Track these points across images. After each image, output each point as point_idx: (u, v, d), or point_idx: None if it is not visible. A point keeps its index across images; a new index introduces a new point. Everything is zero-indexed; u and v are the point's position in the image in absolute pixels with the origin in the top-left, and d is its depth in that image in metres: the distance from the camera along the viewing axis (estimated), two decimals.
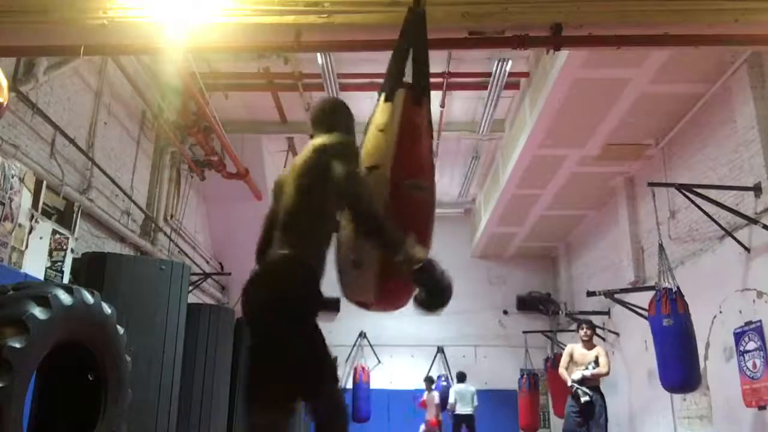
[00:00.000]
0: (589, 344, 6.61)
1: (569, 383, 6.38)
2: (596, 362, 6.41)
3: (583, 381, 6.31)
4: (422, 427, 10.69)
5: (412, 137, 2.39)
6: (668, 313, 5.97)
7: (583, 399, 6.21)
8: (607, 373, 6.50)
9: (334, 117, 2.51)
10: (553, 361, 9.98)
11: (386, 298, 2.33)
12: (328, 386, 2.24)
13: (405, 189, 2.28)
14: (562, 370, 6.56)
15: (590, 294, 9.08)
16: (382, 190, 2.25)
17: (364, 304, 2.35)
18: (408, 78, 2.54)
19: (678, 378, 5.96)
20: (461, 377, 10.44)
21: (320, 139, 2.37)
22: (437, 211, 2.40)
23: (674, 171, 8.01)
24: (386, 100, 2.46)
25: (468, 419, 9.91)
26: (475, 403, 10.06)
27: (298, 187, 2.28)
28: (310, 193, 2.25)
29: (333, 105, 2.62)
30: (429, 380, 11.08)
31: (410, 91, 2.46)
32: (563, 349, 7.01)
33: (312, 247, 2.24)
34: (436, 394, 10.79)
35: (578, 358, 6.53)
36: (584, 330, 6.69)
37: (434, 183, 2.49)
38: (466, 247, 13.62)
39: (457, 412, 9.96)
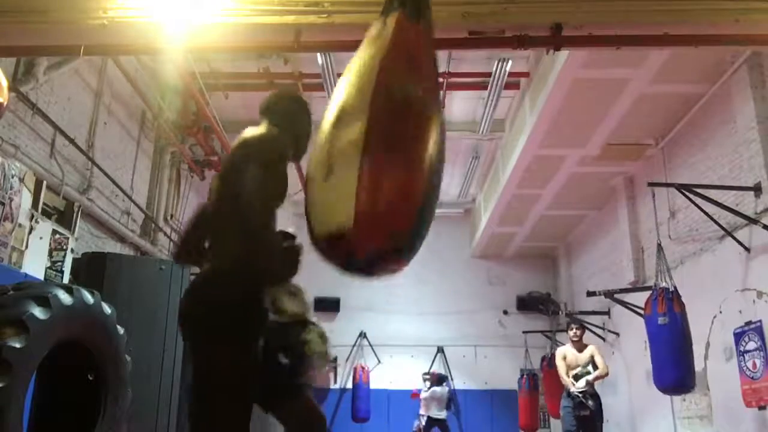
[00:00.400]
0: (579, 344, 6.54)
1: (572, 390, 6.30)
2: (593, 364, 6.36)
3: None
4: (416, 423, 10.54)
5: (405, 48, 2.04)
6: (664, 311, 5.90)
7: (583, 413, 6.18)
8: (607, 374, 6.46)
9: (276, 107, 2.29)
10: (550, 360, 9.97)
11: (372, 222, 1.69)
12: (290, 400, 2.05)
13: (400, 90, 1.90)
14: (563, 376, 6.45)
15: (590, 294, 9.08)
16: (369, 81, 1.90)
17: (331, 237, 1.74)
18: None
19: (672, 378, 5.87)
20: (440, 380, 10.32)
21: (243, 133, 2.14)
22: (438, 211, 2.15)
23: (674, 171, 8.01)
24: (380, 16, 2.19)
25: (441, 423, 9.74)
26: (450, 407, 9.95)
27: (218, 187, 2.05)
28: (231, 195, 1.97)
29: (279, 95, 2.41)
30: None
31: (403, 7, 2.16)
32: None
33: (241, 256, 1.93)
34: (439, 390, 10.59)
35: (571, 361, 6.45)
36: (573, 330, 6.63)
37: (438, 102, 2.08)
38: (466, 247, 13.62)
39: (430, 415, 9.78)
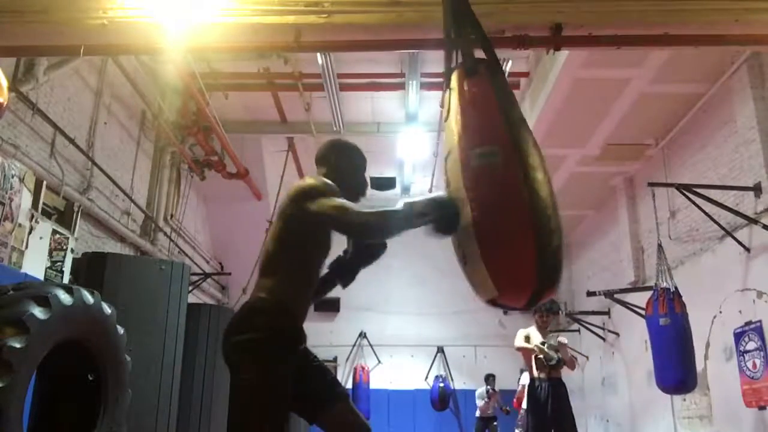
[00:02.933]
0: (545, 333, 5.80)
1: (535, 346, 5.58)
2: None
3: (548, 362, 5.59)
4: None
5: (473, 109, 2.28)
6: (665, 312, 5.92)
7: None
8: (573, 365, 5.95)
9: (328, 155, 2.53)
10: None
11: (509, 288, 2.14)
12: (328, 410, 2.28)
13: (474, 160, 2.17)
14: (522, 344, 5.74)
15: (590, 294, 9.08)
16: (457, 174, 2.20)
17: (493, 302, 2.19)
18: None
19: (674, 378, 5.90)
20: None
21: (297, 182, 2.36)
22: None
23: (674, 171, 8.01)
24: (446, 88, 2.45)
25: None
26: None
27: (275, 233, 2.28)
28: (287, 240, 2.25)
29: (330, 144, 2.62)
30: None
31: (462, 66, 2.41)
32: None
33: (290, 290, 2.22)
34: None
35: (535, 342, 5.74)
36: (543, 318, 5.80)
37: (514, 151, 2.24)
38: None
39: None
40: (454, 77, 2.39)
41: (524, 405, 9.08)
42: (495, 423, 10.02)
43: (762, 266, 6.19)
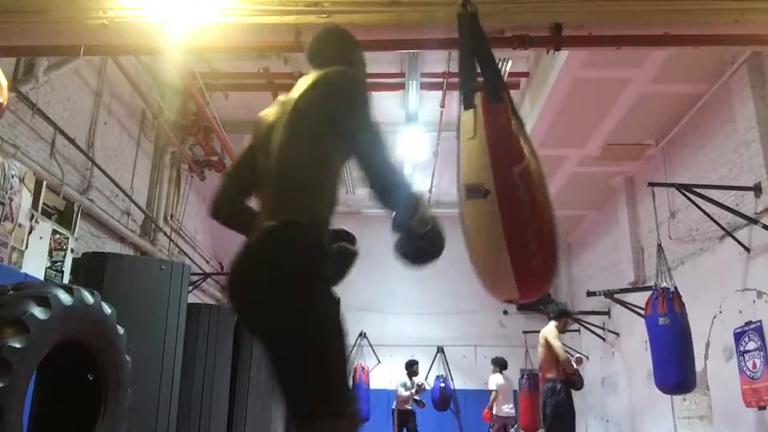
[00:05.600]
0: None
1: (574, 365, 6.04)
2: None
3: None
4: None
5: (501, 133, 2.54)
6: (665, 312, 5.89)
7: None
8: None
9: (335, 47, 2.04)
10: None
11: (531, 291, 2.54)
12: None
13: (509, 178, 2.45)
14: (563, 353, 6.09)
15: (590, 294, 9.07)
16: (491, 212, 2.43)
17: (510, 301, 2.66)
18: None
19: (673, 379, 5.86)
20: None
21: (321, 72, 1.88)
22: (437, 211, 2.35)
23: (674, 171, 8.01)
24: (466, 108, 2.60)
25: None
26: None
27: (297, 133, 1.79)
28: (313, 141, 1.77)
29: (330, 33, 2.12)
30: None
31: (485, 91, 2.58)
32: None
33: (318, 210, 1.73)
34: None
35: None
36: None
37: (538, 162, 2.60)
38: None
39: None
40: (477, 99, 2.57)
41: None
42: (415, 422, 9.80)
43: (762, 266, 6.19)
